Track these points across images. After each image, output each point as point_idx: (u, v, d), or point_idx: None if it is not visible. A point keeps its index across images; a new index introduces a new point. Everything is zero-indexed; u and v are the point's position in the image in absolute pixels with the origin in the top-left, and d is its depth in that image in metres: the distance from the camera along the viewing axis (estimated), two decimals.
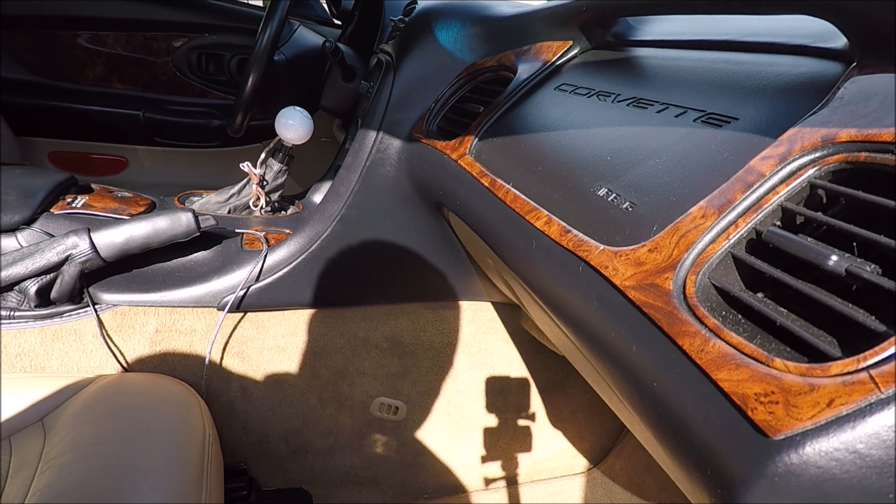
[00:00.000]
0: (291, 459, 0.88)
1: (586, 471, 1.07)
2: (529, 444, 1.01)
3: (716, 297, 0.31)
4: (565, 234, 0.42)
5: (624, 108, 0.50)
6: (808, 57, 0.41)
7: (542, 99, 0.62)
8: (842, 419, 0.22)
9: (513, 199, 0.50)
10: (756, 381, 0.25)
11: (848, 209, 0.30)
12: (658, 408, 0.31)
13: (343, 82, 1.10)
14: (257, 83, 0.86)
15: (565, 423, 1.02)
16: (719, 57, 0.48)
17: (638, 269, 0.34)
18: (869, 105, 0.30)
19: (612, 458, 1.05)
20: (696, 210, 0.34)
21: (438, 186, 0.66)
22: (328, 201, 0.77)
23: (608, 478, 1.04)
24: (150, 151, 1.45)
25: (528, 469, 1.02)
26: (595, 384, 0.49)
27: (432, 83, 0.77)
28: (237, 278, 0.73)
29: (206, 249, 0.75)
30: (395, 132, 0.76)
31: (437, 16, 0.80)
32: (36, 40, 1.30)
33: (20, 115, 1.30)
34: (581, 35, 0.64)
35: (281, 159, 0.88)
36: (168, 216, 0.68)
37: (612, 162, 0.44)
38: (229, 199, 0.90)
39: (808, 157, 0.31)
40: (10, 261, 0.63)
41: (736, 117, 0.39)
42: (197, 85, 1.42)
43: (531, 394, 0.98)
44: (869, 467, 0.21)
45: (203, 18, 1.37)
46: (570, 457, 1.05)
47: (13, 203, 0.69)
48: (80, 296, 0.69)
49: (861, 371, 0.22)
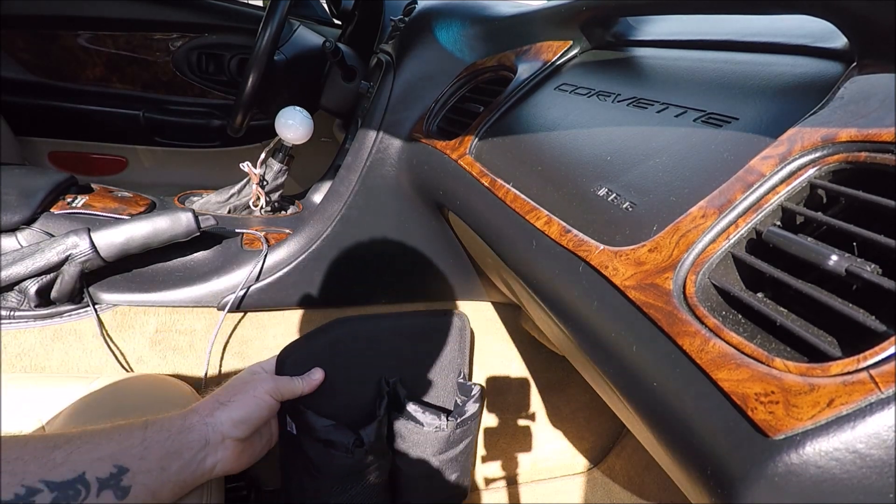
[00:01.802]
0: None
1: (586, 471, 1.07)
2: (529, 444, 1.01)
3: (716, 297, 0.31)
4: (565, 234, 0.42)
5: (624, 108, 0.50)
6: (808, 57, 0.41)
7: (542, 99, 0.62)
8: (842, 419, 0.22)
9: (513, 198, 0.50)
10: (756, 381, 0.25)
11: (848, 209, 0.30)
12: (658, 408, 0.31)
13: (343, 82, 1.10)
14: (257, 83, 0.86)
15: (565, 423, 1.02)
16: (719, 57, 0.48)
17: (638, 268, 0.34)
18: (869, 105, 0.30)
19: (612, 458, 1.05)
20: (696, 210, 0.34)
21: (438, 186, 0.66)
22: (328, 201, 0.77)
23: (608, 478, 1.04)
24: (150, 151, 1.45)
25: (528, 469, 1.02)
26: (595, 384, 0.48)
27: (432, 83, 0.77)
28: (237, 278, 0.73)
29: (206, 249, 0.75)
30: (395, 132, 0.76)
31: (437, 16, 0.80)
32: (36, 40, 1.30)
33: (20, 115, 1.30)
34: (581, 35, 0.64)
35: (281, 159, 0.88)
36: (168, 216, 0.68)
37: (612, 162, 0.44)
38: (229, 199, 0.90)
39: (808, 157, 0.31)
40: (10, 261, 0.63)
41: (736, 117, 0.39)
42: (197, 85, 1.42)
43: (531, 394, 0.98)
44: (869, 467, 0.21)
45: (203, 18, 1.37)
46: (570, 457, 1.04)
47: (13, 203, 0.69)
48: (80, 296, 0.69)
49: (861, 371, 0.22)
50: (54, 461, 0.34)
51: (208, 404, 0.49)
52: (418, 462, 0.70)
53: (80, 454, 0.36)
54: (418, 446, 0.69)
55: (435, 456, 0.70)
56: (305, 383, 0.61)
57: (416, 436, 0.68)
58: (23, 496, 0.30)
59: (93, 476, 0.35)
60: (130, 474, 0.37)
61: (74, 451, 0.36)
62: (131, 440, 0.40)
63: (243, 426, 0.50)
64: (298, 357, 0.65)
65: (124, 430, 0.41)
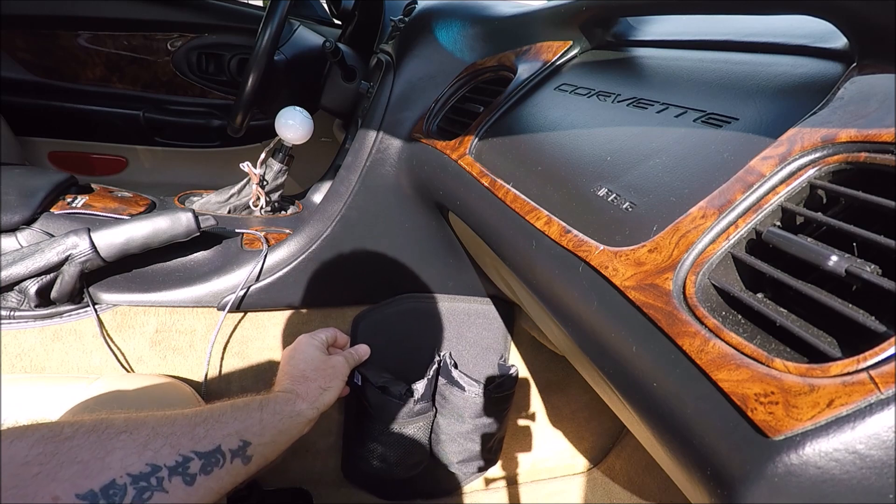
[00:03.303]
0: (291, 459, 0.88)
1: (586, 471, 1.07)
2: (529, 444, 1.01)
3: (716, 298, 0.31)
4: (565, 235, 0.42)
5: (624, 108, 0.50)
6: (808, 57, 0.41)
7: (542, 99, 0.62)
8: (841, 420, 0.22)
9: (513, 199, 0.50)
10: (756, 382, 0.25)
11: (848, 209, 0.30)
12: (658, 408, 0.31)
13: (343, 82, 1.10)
14: (257, 83, 0.86)
15: (565, 423, 1.02)
16: (719, 57, 0.48)
17: (638, 269, 0.34)
18: (869, 105, 0.30)
19: (612, 458, 1.05)
20: (696, 210, 0.34)
21: (438, 186, 0.66)
22: (328, 201, 0.77)
23: (608, 478, 1.04)
24: (150, 151, 1.45)
25: (528, 469, 1.02)
26: (595, 384, 0.49)
27: (432, 83, 0.77)
28: (237, 278, 0.73)
29: (206, 249, 0.75)
30: (396, 132, 0.76)
31: (437, 16, 0.80)
32: (36, 40, 1.30)
33: (20, 115, 1.30)
34: (581, 35, 0.64)
35: (281, 159, 0.88)
36: (168, 216, 0.68)
37: (612, 162, 0.44)
38: (229, 199, 0.90)
39: (808, 157, 0.31)
40: (10, 261, 0.63)
41: (736, 117, 0.39)
42: (197, 85, 1.42)
43: (531, 394, 0.98)
44: (869, 468, 0.21)
45: (203, 18, 1.37)
46: (570, 457, 1.05)
47: (13, 203, 0.69)
48: (80, 296, 0.69)
49: (861, 371, 0.22)
50: (199, 435, 0.42)
51: (313, 391, 0.60)
52: (456, 422, 0.81)
53: (215, 430, 0.44)
54: (458, 408, 0.80)
55: (471, 419, 0.81)
56: (364, 351, 0.76)
57: (458, 399, 0.79)
58: (181, 463, 0.38)
59: (226, 448, 0.44)
60: (252, 447, 0.47)
61: (211, 428, 0.44)
62: (251, 420, 0.49)
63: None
64: (370, 322, 0.81)
65: (244, 410, 0.50)
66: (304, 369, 0.63)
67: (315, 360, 0.65)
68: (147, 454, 0.37)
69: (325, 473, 0.90)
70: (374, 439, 0.79)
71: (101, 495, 0.34)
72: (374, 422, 0.78)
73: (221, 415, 0.47)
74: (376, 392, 0.75)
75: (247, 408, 0.51)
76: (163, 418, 0.42)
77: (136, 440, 0.37)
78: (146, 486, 0.36)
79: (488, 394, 0.79)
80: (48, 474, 0.33)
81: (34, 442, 0.34)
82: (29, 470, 0.33)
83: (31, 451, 0.33)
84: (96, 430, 0.37)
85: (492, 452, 0.87)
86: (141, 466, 0.36)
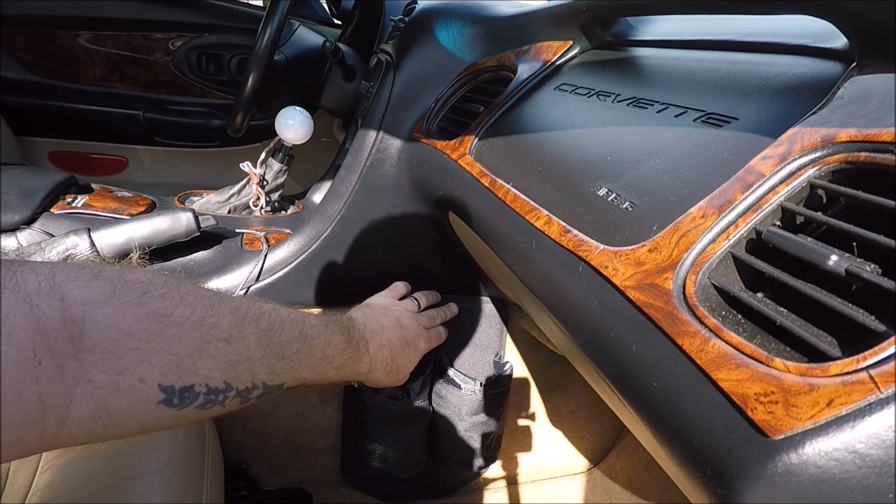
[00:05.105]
0: (291, 459, 0.88)
1: (586, 471, 1.07)
2: (529, 444, 1.01)
3: (716, 297, 0.31)
4: (565, 234, 0.42)
5: (624, 108, 0.50)
6: (808, 57, 0.41)
7: (542, 99, 0.62)
8: (841, 419, 0.22)
9: (513, 199, 0.50)
10: (756, 381, 0.25)
11: (848, 209, 0.30)
12: (658, 408, 0.31)
13: (343, 82, 1.10)
14: (257, 83, 0.86)
15: (565, 423, 1.02)
16: (719, 57, 0.48)
17: (638, 268, 0.34)
18: (869, 105, 0.30)
19: (612, 458, 1.05)
20: (696, 210, 0.34)
21: (438, 186, 0.66)
22: (328, 201, 0.77)
23: (608, 478, 1.04)
24: (150, 151, 1.45)
25: (528, 469, 1.02)
26: (595, 384, 0.49)
27: (432, 83, 0.77)
28: (237, 278, 0.73)
29: (206, 249, 0.75)
30: (395, 132, 0.76)
31: (437, 16, 0.80)
32: (36, 40, 1.30)
33: (20, 115, 1.30)
34: (581, 35, 0.64)
35: (281, 159, 0.88)
36: (168, 216, 0.68)
37: (612, 162, 0.45)
38: (229, 199, 0.90)
39: (808, 157, 0.31)
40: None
41: (736, 117, 0.39)
42: (197, 85, 1.42)
43: (531, 394, 0.98)
44: (868, 467, 0.21)
45: (203, 18, 1.37)
46: (570, 457, 1.05)
47: (13, 203, 0.69)
48: None
49: (861, 371, 0.22)
50: (276, 371, 0.42)
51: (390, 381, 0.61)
52: (453, 420, 0.82)
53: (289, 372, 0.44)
54: (454, 406, 0.81)
55: (469, 417, 0.81)
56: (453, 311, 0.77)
57: (454, 397, 0.80)
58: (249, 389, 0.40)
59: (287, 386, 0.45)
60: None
61: (289, 368, 0.44)
62: (325, 375, 0.50)
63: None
64: None
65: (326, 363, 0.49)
66: (402, 366, 0.62)
67: (413, 361, 0.64)
68: (230, 374, 0.38)
69: (324, 473, 0.90)
70: (373, 440, 0.80)
71: (177, 394, 0.34)
72: (372, 423, 0.79)
73: (309, 356, 0.46)
74: (372, 393, 0.76)
75: (329, 362, 0.50)
76: (262, 337, 0.41)
77: (228, 356, 0.38)
78: (213, 400, 0.37)
79: (484, 391, 0.80)
80: (143, 354, 0.32)
81: (144, 315, 0.33)
82: (128, 342, 0.32)
83: (137, 323, 0.32)
84: (202, 326, 0.36)
85: (490, 451, 0.88)
86: (219, 383, 0.37)
